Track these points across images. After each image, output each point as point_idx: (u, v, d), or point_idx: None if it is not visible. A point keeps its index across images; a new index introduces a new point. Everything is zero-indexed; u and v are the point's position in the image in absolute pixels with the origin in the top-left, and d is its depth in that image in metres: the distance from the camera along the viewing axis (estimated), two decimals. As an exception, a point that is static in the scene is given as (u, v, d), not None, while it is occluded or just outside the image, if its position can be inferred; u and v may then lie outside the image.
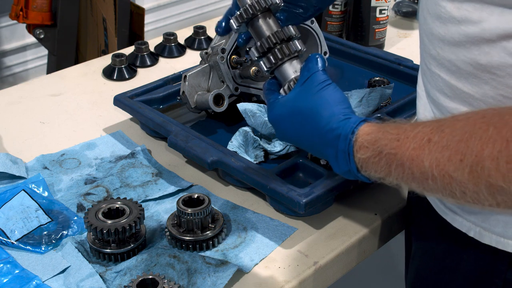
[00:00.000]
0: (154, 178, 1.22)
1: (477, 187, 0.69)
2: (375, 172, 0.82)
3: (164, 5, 3.37)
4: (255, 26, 0.97)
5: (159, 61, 1.72)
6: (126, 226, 1.01)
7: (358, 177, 0.86)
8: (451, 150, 0.71)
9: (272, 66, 0.96)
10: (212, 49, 1.34)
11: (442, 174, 0.72)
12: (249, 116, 1.23)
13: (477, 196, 0.70)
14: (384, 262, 2.40)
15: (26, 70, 3.01)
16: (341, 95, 0.90)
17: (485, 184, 0.68)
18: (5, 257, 1.03)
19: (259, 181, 1.11)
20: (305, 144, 0.94)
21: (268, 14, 0.97)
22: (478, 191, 0.69)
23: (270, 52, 0.95)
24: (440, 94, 0.90)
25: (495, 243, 0.91)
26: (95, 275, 0.98)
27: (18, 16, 2.45)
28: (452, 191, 0.72)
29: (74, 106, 1.50)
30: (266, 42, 0.95)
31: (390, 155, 0.78)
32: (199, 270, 0.99)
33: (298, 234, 1.09)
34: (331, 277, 1.08)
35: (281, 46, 0.95)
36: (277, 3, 0.97)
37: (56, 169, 1.25)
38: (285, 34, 0.95)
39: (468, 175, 0.69)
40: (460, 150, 0.70)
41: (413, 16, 1.95)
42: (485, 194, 0.69)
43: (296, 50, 0.96)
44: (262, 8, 0.96)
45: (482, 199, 0.70)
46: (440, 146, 0.72)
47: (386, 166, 0.79)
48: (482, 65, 0.81)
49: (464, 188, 0.70)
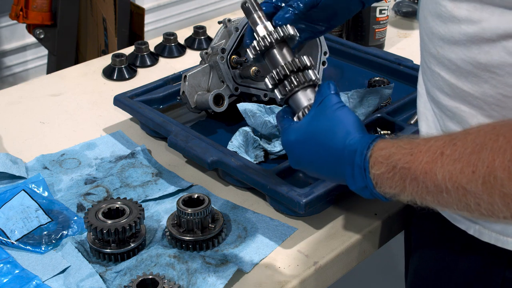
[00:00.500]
0: (154, 178, 1.22)
1: (491, 198, 0.69)
2: (390, 188, 0.81)
3: (164, 5, 3.37)
4: (270, 56, 0.99)
5: (159, 61, 1.72)
6: (126, 226, 1.01)
7: (375, 194, 0.84)
8: (463, 163, 0.71)
9: (286, 94, 0.96)
10: (212, 49, 1.34)
11: (456, 187, 0.72)
12: (249, 116, 1.23)
13: (491, 207, 0.69)
14: (384, 262, 2.40)
15: (26, 70, 3.01)
16: (355, 116, 0.90)
17: (498, 195, 0.68)
18: (5, 257, 1.03)
19: (259, 181, 1.11)
20: (320, 167, 0.92)
21: (283, 44, 0.99)
22: (492, 202, 0.69)
23: (285, 81, 0.96)
24: (440, 93, 0.90)
25: (494, 240, 0.91)
26: (95, 275, 0.98)
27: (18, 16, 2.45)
28: (467, 203, 0.72)
29: (74, 106, 1.50)
30: (280, 71, 0.96)
31: (404, 170, 0.78)
32: (199, 270, 0.99)
33: (298, 234, 1.09)
34: (331, 277, 1.08)
35: (295, 75, 0.96)
36: (292, 35, 0.99)
37: (56, 169, 1.25)
38: (300, 63, 0.96)
39: (482, 186, 0.69)
40: (472, 162, 0.70)
41: (413, 16, 1.95)
42: (500, 205, 0.69)
43: (310, 79, 0.96)
44: (277, 40, 0.98)
45: (497, 211, 0.69)
46: (452, 159, 0.72)
47: (401, 181, 0.79)
48: (482, 64, 0.82)
49: (478, 200, 0.70)
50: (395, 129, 1.28)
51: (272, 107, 1.23)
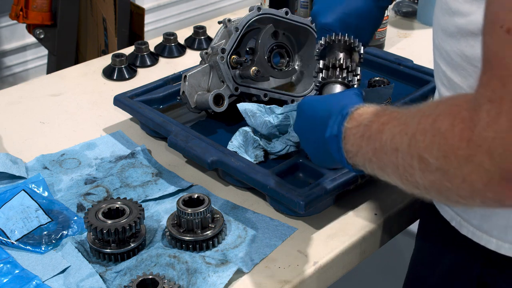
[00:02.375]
0: (154, 178, 1.22)
1: (411, 159, 0.70)
2: (351, 145, 0.83)
3: (164, 5, 3.37)
4: (333, 50, 1.08)
5: (159, 61, 1.72)
6: (126, 226, 1.01)
7: (340, 148, 0.86)
8: (403, 126, 0.73)
9: (326, 79, 1.05)
10: (212, 49, 1.34)
11: (393, 148, 0.74)
12: (249, 116, 1.23)
13: (412, 171, 0.71)
14: (384, 262, 2.40)
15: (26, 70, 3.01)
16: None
17: (417, 157, 0.69)
18: (5, 257, 1.03)
19: (259, 181, 1.11)
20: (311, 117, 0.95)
21: (350, 52, 1.09)
22: (412, 164, 0.71)
23: (335, 69, 1.05)
24: (441, 84, 0.92)
25: (471, 234, 0.93)
26: (95, 275, 0.98)
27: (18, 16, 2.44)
28: (397, 166, 0.74)
29: (74, 106, 1.50)
30: (336, 60, 1.05)
31: (365, 127, 0.81)
32: (199, 270, 0.99)
33: (298, 234, 1.09)
34: (331, 277, 1.08)
35: (344, 71, 1.05)
36: (361, 52, 1.08)
37: (56, 169, 1.25)
38: (352, 66, 1.06)
39: (407, 148, 0.71)
40: (409, 125, 0.72)
41: (413, 16, 1.95)
42: (417, 169, 0.70)
43: (351, 81, 1.05)
44: (345, 41, 1.07)
45: (416, 176, 0.71)
46: (399, 122, 0.74)
47: (360, 139, 0.81)
48: (468, 57, 0.83)
49: (404, 162, 0.72)
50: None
51: (272, 107, 1.23)
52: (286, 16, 1.35)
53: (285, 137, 1.22)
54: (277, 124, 1.21)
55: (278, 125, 1.22)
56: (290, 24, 1.36)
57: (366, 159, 0.81)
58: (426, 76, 1.45)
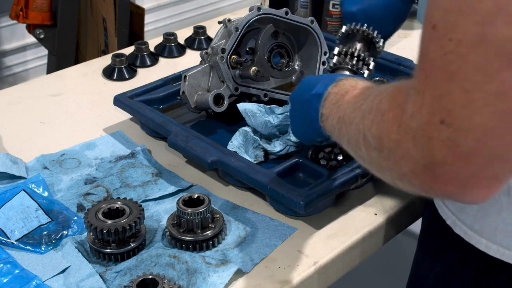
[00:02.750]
0: (154, 178, 1.22)
1: (358, 134, 0.75)
2: (326, 109, 0.88)
3: (164, 5, 3.37)
4: (353, 39, 1.12)
5: (159, 61, 1.72)
6: (126, 226, 1.01)
7: (317, 109, 0.89)
8: (363, 101, 0.76)
9: (337, 65, 1.10)
10: (212, 49, 1.34)
11: (349, 120, 0.79)
12: (249, 116, 1.23)
13: (359, 145, 0.75)
14: (384, 262, 2.40)
15: (26, 70, 3.01)
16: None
17: (362, 134, 0.74)
18: (5, 257, 1.03)
19: (259, 181, 1.11)
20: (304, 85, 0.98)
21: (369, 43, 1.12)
22: (358, 139, 0.75)
23: (347, 56, 1.10)
24: None
25: (463, 233, 0.93)
26: (95, 275, 0.98)
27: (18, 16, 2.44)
28: (349, 137, 0.79)
29: (74, 106, 1.50)
30: (352, 49, 1.10)
31: (341, 96, 0.86)
32: (199, 270, 0.99)
33: (298, 234, 1.09)
34: (331, 277, 1.08)
35: (358, 60, 1.10)
36: (380, 45, 1.11)
37: (56, 169, 1.25)
38: (367, 59, 1.10)
39: (358, 123, 0.75)
40: (366, 101, 0.75)
41: (413, 16, 1.95)
42: (362, 145, 0.74)
43: (360, 68, 1.10)
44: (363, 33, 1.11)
45: (362, 151, 0.75)
46: (363, 97, 0.78)
47: (333, 105, 0.86)
48: None
49: (354, 135, 0.77)
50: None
51: (272, 107, 1.23)
52: (286, 16, 1.35)
53: (285, 137, 1.22)
54: (277, 124, 1.21)
55: (278, 125, 1.22)
56: (290, 24, 1.36)
57: (332, 126, 0.86)
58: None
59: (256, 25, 1.35)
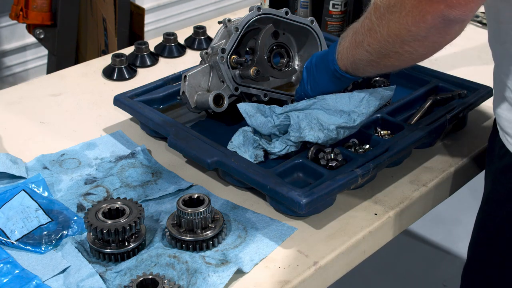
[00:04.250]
0: (154, 178, 1.22)
1: (370, 16, 1.01)
2: (342, 44, 1.13)
3: (164, 5, 3.37)
4: None
5: (159, 61, 1.72)
6: (126, 226, 1.01)
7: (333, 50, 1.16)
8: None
9: None
10: (212, 49, 1.34)
11: (356, 27, 1.07)
12: (249, 116, 1.22)
13: (371, 24, 1.01)
14: (384, 262, 2.40)
15: (26, 70, 3.01)
16: None
17: (373, 8, 1.00)
18: (5, 257, 1.03)
19: (259, 181, 1.11)
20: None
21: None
22: (371, 18, 1.01)
23: None
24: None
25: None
26: (95, 275, 0.98)
27: (18, 16, 2.44)
28: (363, 31, 1.04)
29: (74, 106, 1.50)
30: None
31: (342, 40, 1.14)
32: (199, 270, 0.99)
33: (298, 234, 1.09)
34: (331, 277, 1.08)
35: None
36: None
37: (56, 169, 1.25)
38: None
39: (368, 11, 1.02)
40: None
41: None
42: (374, 19, 1.00)
43: None
44: None
45: (375, 26, 1.00)
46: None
47: (342, 49, 1.13)
48: None
49: (366, 22, 1.03)
50: (395, 129, 1.28)
51: (272, 107, 1.23)
52: (286, 16, 1.35)
53: (285, 137, 1.22)
54: (277, 124, 1.21)
55: (278, 125, 1.22)
56: (290, 24, 1.36)
57: (345, 50, 1.12)
58: (426, 76, 1.45)
59: (256, 25, 1.35)
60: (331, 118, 1.19)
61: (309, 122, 1.18)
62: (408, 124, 1.29)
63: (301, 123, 1.19)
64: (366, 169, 1.13)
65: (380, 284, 2.42)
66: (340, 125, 1.18)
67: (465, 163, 1.30)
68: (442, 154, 1.31)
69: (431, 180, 1.24)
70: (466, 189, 1.31)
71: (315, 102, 1.21)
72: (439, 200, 1.28)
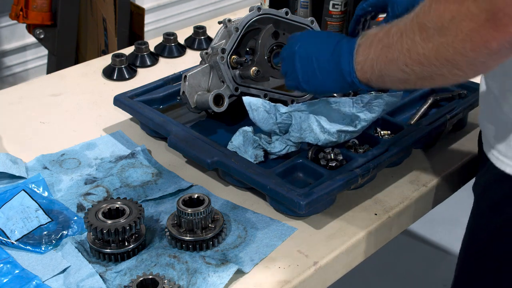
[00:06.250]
0: (154, 178, 1.22)
1: (413, 33, 0.88)
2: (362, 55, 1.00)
3: (164, 5, 3.37)
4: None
5: (159, 61, 1.72)
6: (126, 226, 1.01)
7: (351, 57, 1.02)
8: (393, 24, 0.94)
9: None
10: (212, 49, 1.34)
11: (397, 34, 0.91)
12: (252, 110, 1.22)
13: (414, 45, 0.88)
14: (384, 262, 2.40)
15: (26, 70, 3.01)
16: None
17: (417, 28, 0.88)
18: (5, 257, 1.03)
19: (259, 181, 1.11)
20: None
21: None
22: (414, 38, 0.88)
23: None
24: None
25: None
26: (95, 275, 0.98)
27: (18, 16, 2.44)
28: (401, 49, 0.91)
29: (74, 106, 1.50)
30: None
31: (373, 36, 0.99)
32: (199, 270, 0.99)
33: (298, 234, 1.09)
34: (331, 277, 1.08)
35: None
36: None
37: (56, 169, 1.25)
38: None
39: (410, 23, 0.89)
40: (400, 20, 0.93)
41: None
42: (419, 41, 0.87)
43: None
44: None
45: (419, 48, 0.88)
46: (391, 24, 0.95)
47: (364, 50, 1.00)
48: None
49: (407, 39, 0.89)
50: (395, 129, 1.28)
51: (277, 105, 1.23)
52: (286, 16, 1.35)
53: (285, 137, 1.22)
54: (278, 122, 1.21)
55: (279, 122, 1.21)
56: (290, 24, 1.36)
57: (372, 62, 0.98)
58: (426, 76, 1.45)
59: (256, 25, 1.35)
60: (333, 121, 1.19)
61: (311, 124, 1.18)
62: (408, 124, 1.29)
63: (302, 123, 1.19)
64: (366, 169, 1.13)
65: (380, 284, 2.42)
66: (341, 129, 1.18)
67: (465, 163, 1.30)
68: (442, 154, 1.31)
69: (431, 180, 1.24)
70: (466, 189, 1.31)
71: (319, 104, 1.21)
72: (439, 200, 1.28)
